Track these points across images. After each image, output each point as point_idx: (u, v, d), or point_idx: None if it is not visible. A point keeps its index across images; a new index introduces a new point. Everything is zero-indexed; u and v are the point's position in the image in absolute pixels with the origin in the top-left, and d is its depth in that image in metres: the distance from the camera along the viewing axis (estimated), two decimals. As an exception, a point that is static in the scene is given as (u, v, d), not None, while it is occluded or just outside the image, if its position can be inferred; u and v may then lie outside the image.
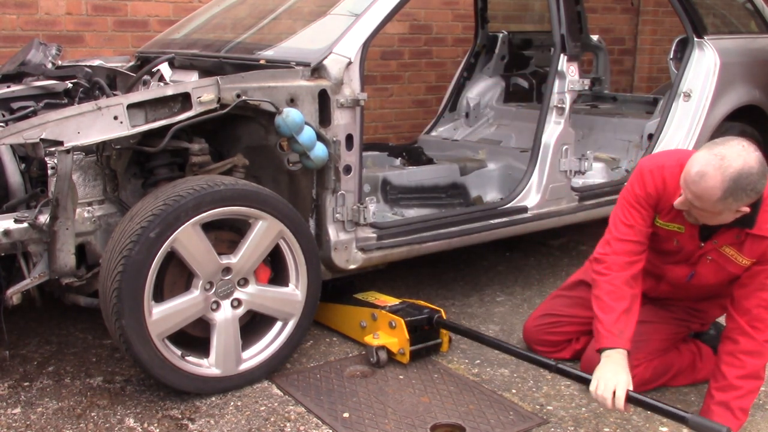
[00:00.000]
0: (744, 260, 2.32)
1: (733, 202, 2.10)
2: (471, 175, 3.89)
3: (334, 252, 2.86)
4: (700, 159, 2.11)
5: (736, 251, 2.32)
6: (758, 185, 2.09)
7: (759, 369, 2.31)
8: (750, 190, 2.08)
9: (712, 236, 2.32)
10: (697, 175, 2.09)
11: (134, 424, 2.39)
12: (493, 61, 4.75)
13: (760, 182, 2.09)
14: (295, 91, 2.66)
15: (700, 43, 3.98)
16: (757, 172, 2.07)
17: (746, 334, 2.30)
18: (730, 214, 2.17)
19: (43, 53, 3.14)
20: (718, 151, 2.09)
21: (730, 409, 2.30)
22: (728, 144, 2.10)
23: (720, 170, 2.05)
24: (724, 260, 2.36)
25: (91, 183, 2.53)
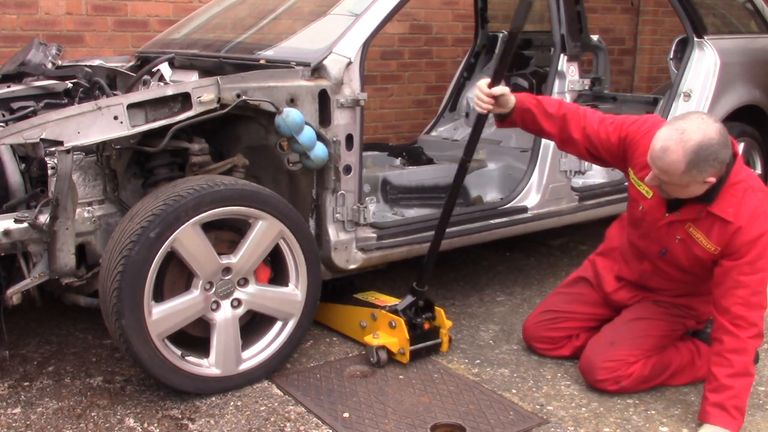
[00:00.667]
0: (710, 245, 2.37)
1: (698, 173, 2.20)
2: (471, 175, 3.89)
3: (334, 252, 2.86)
4: (663, 135, 2.21)
5: (702, 235, 2.37)
6: (720, 155, 2.19)
7: (747, 366, 2.32)
8: (712, 160, 2.18)
9: (677, 209, 2.39)
10: (660, 150, 2.20)
11: (134, 424, 2.39)
12: (493, 61, 4.73)
13: (721, 152, 2.19)
14: (295, 91, 2.66)
15: (700, 43, 3.98)
16: (717, 142, 2.17)
17: (729, 332, 2.31)
18: (698, 185, 2.26)
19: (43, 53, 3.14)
20: (678, 126, 2.20)
21: (726, 410, 2.31)
22: (688, 118, 2.22)
23: (681, 143, 2.16)
24: (691, 242, 2.41)
25: (91, 183, 2.53)
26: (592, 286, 2.85)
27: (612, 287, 2.78)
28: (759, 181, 2.42)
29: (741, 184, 2.32)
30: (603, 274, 2.81)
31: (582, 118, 2.58)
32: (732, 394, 2.31)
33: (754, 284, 2.30)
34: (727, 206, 2.31)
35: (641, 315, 2.66)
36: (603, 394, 2.59)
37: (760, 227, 2.28)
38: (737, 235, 2.30)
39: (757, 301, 2.30)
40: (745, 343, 2.30)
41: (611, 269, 2.80)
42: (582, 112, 2.60)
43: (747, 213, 2.30)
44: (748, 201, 2.31)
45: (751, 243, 2.29)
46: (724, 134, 2.21)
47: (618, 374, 2.55)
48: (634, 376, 2.56)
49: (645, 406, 2.54)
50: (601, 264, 2.85)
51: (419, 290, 2.81)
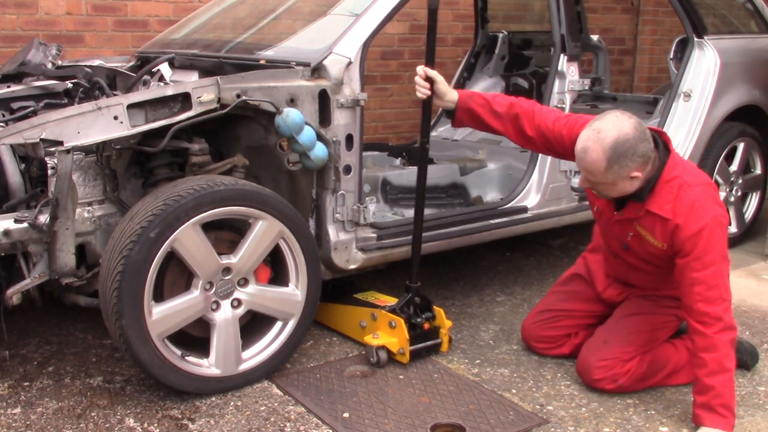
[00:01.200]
0: (657, 242, 2.42)
1: (620, 168, 2.26)
2: (471, 175, 3.89)
3: (334, 252, 2.86)
4: (582, 136, 2.30)
5: (648, 233, 2.42)
6: (639, 149, 2.26)
7: (721, 361, 2.29)
8: (632, 154, 2.25)
9: (621, 208, 2.46)
10: (581, 151, 2.29)
11: (134, 424, 2.39)
12: (493, 61, 4.75)
13: (639, 145, 2.26)
14: (295, 91, 2.66)
15: (700, 43, 3.98)
16: (633, 137, 2.25)
17: (697, 331, 2.32)
18: (626, 182, 2.32)
19: (43, 53, 3.14)
20: (595, 126, 2.28)
21: (713, 410, 2.30)
22: (604, 117, 2.30)
23: (599, 143, 2.25)
24: (641, 239, 2.47)
25: (91, 183, 2.52)
26: (587, 282, 2.86)
27: (602, 285, 2.81)
28: (697, 174, 2.43)
29: (676, 181, 2.35)
30: (594, 271, 2.84)
31: (536, 116, 2.60)
32: (714, 393, 2.30)
33: (708, 279, 2.29)
34: (664, 203, 2.36)
35: (632, 311, 2.67)
36: (603, 394, 2.59)
37: (698, 222, 2.30)
38: (677, 232, 2.33)
39: (715, 295, 2.29)
40: (712, 340, 2.29)
41: (601, 266, 2.83)
42: (537, 110, 2.61)
43: (684, 209, 2.32)
44: (683, 196, 2.33)
45: (692, 238, 2.30)
46: (641, 129, 2.28)
47: (614, 372, 2.55)
48: (630, 374, 2.56)
49: (645, 406, 2.54)
50: (591, 260, 2.88)
51: (412, 286, 2.82)
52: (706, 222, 2.29)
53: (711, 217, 2.30)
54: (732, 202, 4.27)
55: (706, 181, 2.42)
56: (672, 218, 2.34)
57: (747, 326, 3.21)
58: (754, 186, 4.39)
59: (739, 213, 4.33)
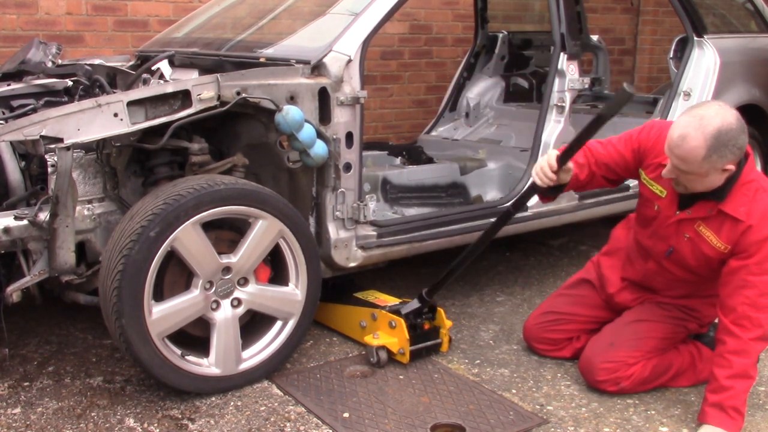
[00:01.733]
0: (719, 243, 2.36)
1: (718, 159, 2.19)
2: (471, 175, 3.89)
3: (334, 250, 2.86)
4: (681, 123, 2.22)
5: (712, 233, 2.37)
6: (739, 140, 2.20)
7: (747, 368, 2.31)
8: (732, 145, 2.18)
9: (688, 207, 2.39)
10: (679, 138, 2.19)
11: (134, 424, 2.39)
12: (493, 61, 4.74)
13: (740, 137, 2.20)
14: (295, 89, 2.66)
15: (699, 43, 3.98)
16: (737, 127, 2.19)
17: (732, 333, 2.30)
18: (717, 174, 2.25)
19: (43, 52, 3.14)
20: (696, 113, 2.21)
21: (724, 410, 2.30)
22: (706, 105, 2.24)
23: (701, 129, 2.16)
24: (700, 240, 2.40)
25: (91, 181, 2.53)
26: (595, 288, 2.84)
27: (615, 287, 2.77)
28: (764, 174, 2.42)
29: (753, 184, 2.32)
30: (607, 275, 2.80)
31: (593, 153, 2.57)
32: (730, 394, 2.30)
33: (762, 285, 2.28)
34: (739, 205, 2.30)
35: (642, 317, 2.66)
36: (603, 395, 2.59)
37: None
38: (747, 233, 2.29)
39: (764, 302, 2.28)
40: (746, 345, 2.29)
41: (616, 269, 2.79)
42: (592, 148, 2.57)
43: (758, 212, 2.28)
44: (759, 200, 2.30)
45: (761, 242, 2.27)
46: (742, 121, 2.22)
47: (617, 375, 2.55)
48: (633, 378, 2.56)
49: (645, 406, 2.54)
50: (605, 264, 2.84)
51: (426, 299, 2.80)
52: None
53: None
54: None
55: None
56: (745, 220, 2.28)
57: (747, 326, 3.21)
58: (754, 186, 4.39)
59: (739, 213, 4.33)
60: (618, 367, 2.55)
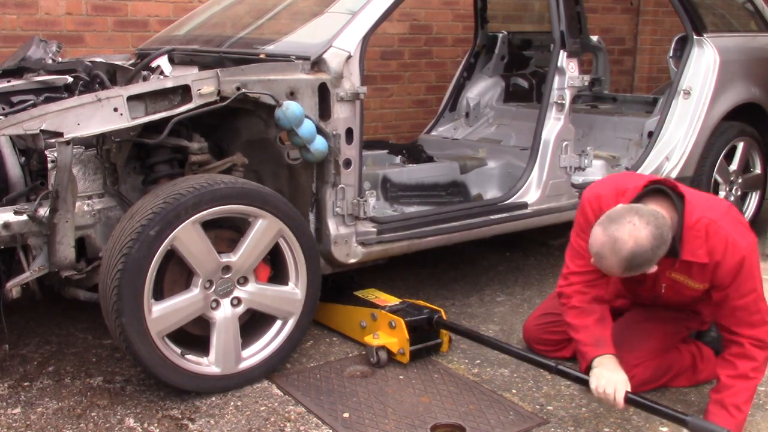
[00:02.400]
0: (696, 284, 2.38)
1: (640, 268, 2.20)
2: (471, 174, 3.89)
3: (334, 246, 2.86)
4: (597, 239, 2.17)
5: (685, 277, 2.37)
6: (657, 255, 2.17)
7: (749, 370, 2.32)
8: (647, 261, 2.17)
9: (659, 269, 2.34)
10: (596, 255, 2.20)
11: (134, 424, 2.39)
12: (492, 61, 4.75)
13: (656, 252, 2.17)
14: (295, 85, 2.66)
15: (699, 41, 3.98)
16: (650, 247, 2.13)
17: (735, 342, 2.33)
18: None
19: (43, 50, 3.13)
20: (611, 233, 2.14)
21: (725, 407, 2.31)
22: (620, 223, 2.13)
23: (614, 253, 2.14)
24: (678, 286, 2.42)
25: (91, 176, 2.53)
26: None
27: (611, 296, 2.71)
28: (715, 204, 2.36)
29: (700, 222, 2.27)
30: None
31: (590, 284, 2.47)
32: (732, 392, 2.31)
33: (749, 305, 2.29)
34: (696, 248, 2.27)
35: (642, 317, 2.65)
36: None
37: (735, 255, 2.25)
38: (717, 270, 2.29)
39: (757, 319, 2.30)
40: (750, 352, 2.32)
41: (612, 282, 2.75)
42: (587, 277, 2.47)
43: (719, 248, 2.25)
44: (713, 235, 2.26)
45: (732, 271, 2.27)
46: (657, 235, 2.13)
47: None
48: (635, 380, 2.54)
49: (645, 406, 2.53)
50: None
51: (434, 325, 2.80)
52: (742, 254, 2.24)
53: (745, 248, 2.25)
54: (732, 202, 4.26)
55: (727, 208, 2.36)
56: (710, 260, 2.28)
57: (747, 325, 3.20)
58: (754, 185, 4.39)
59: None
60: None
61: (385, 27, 4.79)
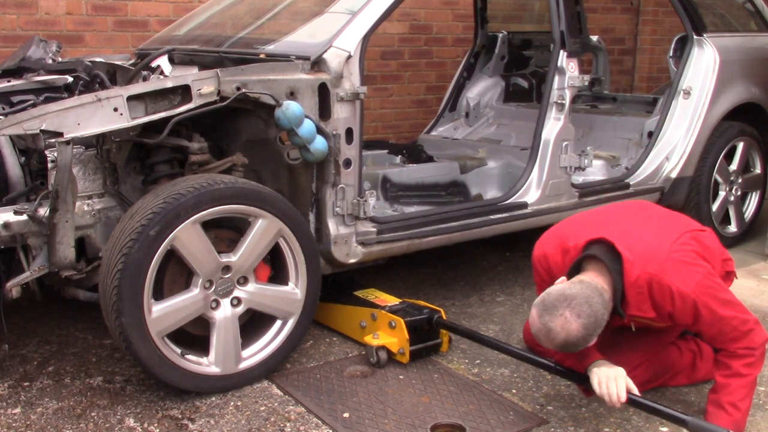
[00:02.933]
0: (661, 324, 2.40)
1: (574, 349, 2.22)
2: (471, 173, 3.89)
3: (334, 246, 2.86)
4: (534, 324, 2.21)
5: (648, 320, 2.37)
6: (590, 337, 2.19)
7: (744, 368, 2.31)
8: (583, 343, 2.19)
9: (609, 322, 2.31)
10: (534, 337, 2.24)
11: (134, 424, 2.39)
12: (492, 61, 4.75)
13: (590, 336, 2.19)
14: (295, 84, 2.66)
15: (699, 41, 3.98)
16: (582, 336, 2.16)
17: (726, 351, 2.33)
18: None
19: (43, 50, 3.14)
20: (545, 323, 2.17)
21: (722, 406, 2.31)
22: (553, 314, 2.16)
23: (549, 340, 2.19)
24: (644, 325, 2.44)
25: (91, 176, 2.53)
26: None
27: None
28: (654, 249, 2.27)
29: (640, 279, 2.24)
30: None
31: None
32: (728, 391, 2.31)
33: (724, 330, 2.28)
34: (641, 304, 2.27)
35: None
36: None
37: (687, 301, 2.22)
38: (674, 316, 2.28)
39: (737, 334, 2.28)
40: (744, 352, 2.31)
41: None
42: None
43: (665, 300, 2.24)
44: (656, 290, 2.24)
45: (690, 314, 2.25)
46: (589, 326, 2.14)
47: None
48: (636, 380, 2.54)
49: (646, 406, 2.53)
50: None
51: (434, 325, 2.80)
52: (693, 299, 2.21)
53: (693, 290, 2.21)
54: (732, 202, 4.26)
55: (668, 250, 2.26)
56: (659, 312, 2.28)
57: (747, 325, 3.20)
58: (754, 185, 4.39)
59: (738, 212, 4.33)
60: None
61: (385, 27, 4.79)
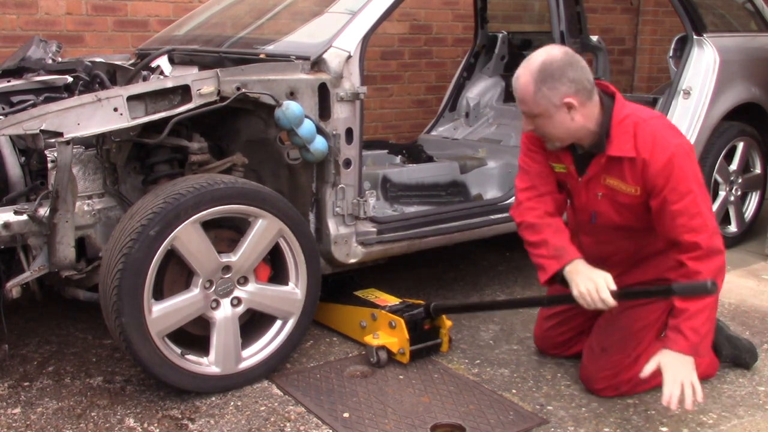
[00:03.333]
0: (630, 188, 2.36)
1: (549, 91, 2.24)
2: (471, 173, 3.89)
3: (334, 246, 2.86)
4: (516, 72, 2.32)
5: (619, 180, 2.37)
6: (568, 72, 2.24)
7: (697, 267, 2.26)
8: (560, 76, 2.24)
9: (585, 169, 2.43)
10: (514, 81, 2.32)
11: (134, 424, 2.39)
12: (492, 61, 4.74)
13: (569, 69, 2.24)
14: (295, 84, 2.66)
15: (699, 41, 3.98)
16: (560, 59, 2.25)
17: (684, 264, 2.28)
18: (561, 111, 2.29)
19: (43, 50, 3.14)
20: (527, 58, 2.32)
21: (680, 331, 2.25)
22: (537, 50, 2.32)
23: (527, 68, 2.27)
24: (613, 192, 2.41)
25: (91, 176, 2.53)
26: None
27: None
28: (648, 110, 2.40)
29: (628, 119, 2.32)
30: None
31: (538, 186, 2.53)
32: (686, 316, 2.25)
33: (688, 208, 2.25)
34: (623, 144, 2.31)
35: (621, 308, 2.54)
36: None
37: (664, 152, 2.26)
38: (647, 168, 2.28)
39: (698, 223, 2.25)
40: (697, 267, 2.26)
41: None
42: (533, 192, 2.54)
43: (646, 143, 2.28)
44: (641, 131, 2.30)
45: (663, 171, 2.26)
46: (572, 55, 2.27)
47: (617, 381, 2.54)
48: (633, 381, 2.55)
49: (645, 406, 2.53)
50: None
51: (432, 314, 2.80)
52: (672, 151, 2.25)
53: (675, 146, 2.26)
54: (732, 202, 4.26)
55: (659, 115, 2.41)
56: (636, 155, 2.28)
57: (747, 326, 3.21)
58: (754, 185, 4.39)
59: (738, 213, 4.33)
60: (615, 374, 2.53)
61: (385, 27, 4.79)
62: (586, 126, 2.31)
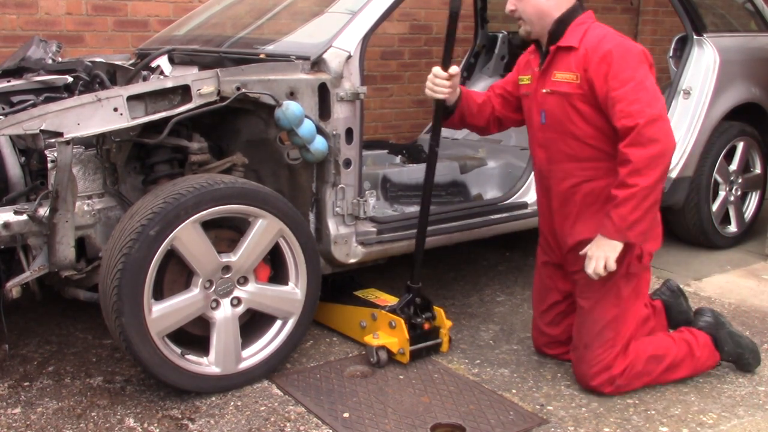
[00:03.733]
0: (571, 75, 2.45)
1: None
2: (471, 173, 3.89)
3: (334, 246, 2.86)
4: None
5: (563, 72, 2.48)
6: None
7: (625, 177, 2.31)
8: None
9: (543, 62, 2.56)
10: None
11: (134, 424, 2.39)
12: (492, 61, 4.74)
13: None
14: (295, 84, 2.66)
15: (699, 41, 3.98)
16: None
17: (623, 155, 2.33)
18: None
19: (43, 50, 3.14)
20: None
21: (609, 217, 2.37)
22: None
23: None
24: (558, 85, 2.50)
25: (90, 176, 2.53)
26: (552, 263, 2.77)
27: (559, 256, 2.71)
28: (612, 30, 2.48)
29: (586, 23, 2.49)
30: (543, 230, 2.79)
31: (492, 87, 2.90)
32: (615, 203, 2.34)
33: (627, 95, 2.32)
34: (572, 38, 2.47)
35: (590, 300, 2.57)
36: (603, 394, 2.58)
37: (606, 45, 2.39)
38: (589, 58, 2.40)
39: (635, 109, 2.30)
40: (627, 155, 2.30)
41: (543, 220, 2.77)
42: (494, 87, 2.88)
43: (592, 40, 2.43)
44: (591, 32, 2.46)
45: (603, 59, 2.37)
46: None
47: (610, 375, 2.54)
48: (626, 373, 2.54)
49: (645, 406, 2.53)
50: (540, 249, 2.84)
51: (414, 286, 2.81)
52: (613, 44, 2.38)
53: (618, 43, 2.39)
54: (732, 202, 4.26)
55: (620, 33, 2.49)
56: (579, 46, 2.43)
57: (747, 326, 3.21)
58: (754, 185, 4.39)
59: (738, 212, 4.33)
60: (603, 368, 2.53)
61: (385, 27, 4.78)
62: (553, 13, 2.48)
